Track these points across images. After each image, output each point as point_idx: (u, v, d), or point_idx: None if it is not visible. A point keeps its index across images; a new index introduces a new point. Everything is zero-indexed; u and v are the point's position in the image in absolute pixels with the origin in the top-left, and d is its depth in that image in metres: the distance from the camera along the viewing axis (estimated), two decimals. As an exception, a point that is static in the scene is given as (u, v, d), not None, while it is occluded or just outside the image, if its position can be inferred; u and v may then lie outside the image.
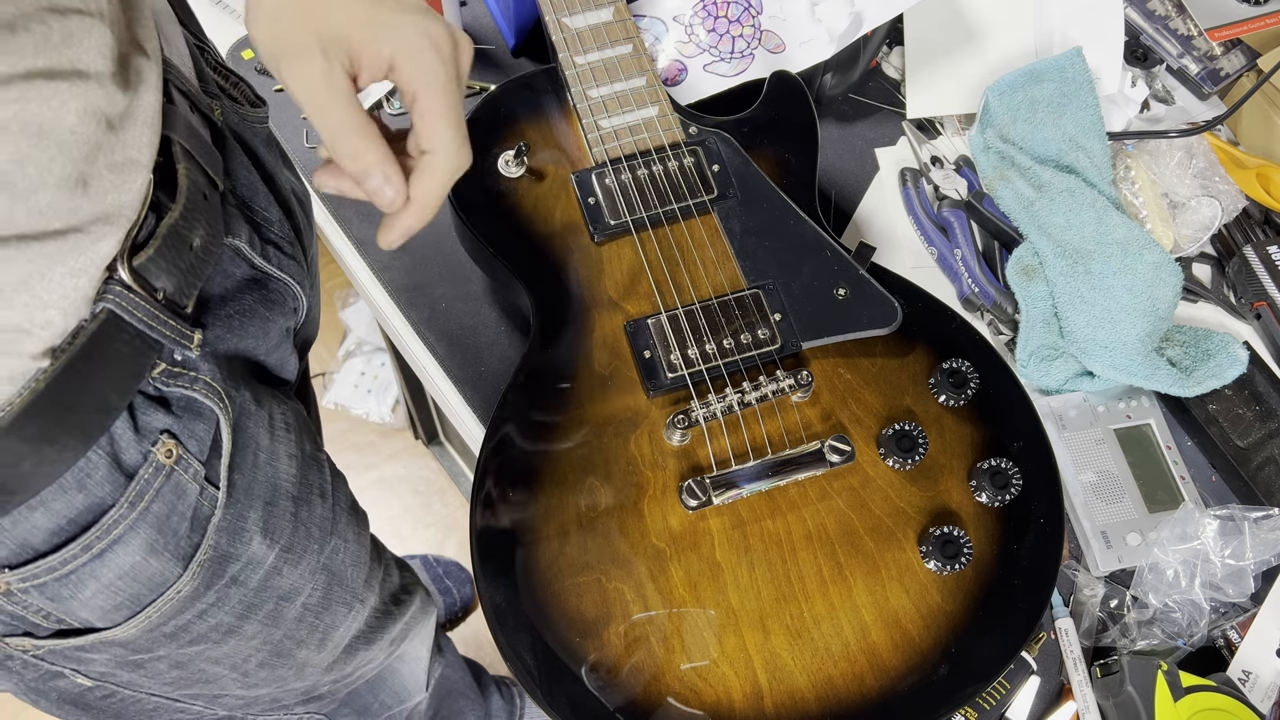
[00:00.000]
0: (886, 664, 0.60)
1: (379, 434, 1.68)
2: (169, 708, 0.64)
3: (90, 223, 0.42)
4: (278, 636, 0.64)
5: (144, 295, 0.45)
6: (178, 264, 0.47)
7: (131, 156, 0.44)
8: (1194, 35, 0.99)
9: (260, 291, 0.59)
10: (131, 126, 0.44)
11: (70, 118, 0.40)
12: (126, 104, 0.44)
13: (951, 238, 0.85)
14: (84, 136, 0.41)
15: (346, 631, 0.72)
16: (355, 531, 0.70)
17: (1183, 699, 0.65)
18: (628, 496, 0.62)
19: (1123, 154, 0.90)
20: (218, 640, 0.59)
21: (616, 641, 0.59)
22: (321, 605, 0.67)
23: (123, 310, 0.44)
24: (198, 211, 0.49)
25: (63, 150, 0.40)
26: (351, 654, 0.75)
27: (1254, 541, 0.70)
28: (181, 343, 0.48)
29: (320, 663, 0.71)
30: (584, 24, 0.77)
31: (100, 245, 0.43)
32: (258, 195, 0.61)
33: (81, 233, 0.42)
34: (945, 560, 0.61)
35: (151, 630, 0.54)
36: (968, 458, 0.66)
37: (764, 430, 0.65)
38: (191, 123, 0.52)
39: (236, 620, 0.59)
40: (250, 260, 0.58)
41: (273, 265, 0.60)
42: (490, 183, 0.72)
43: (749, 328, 0.67)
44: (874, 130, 0.93)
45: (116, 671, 0.58)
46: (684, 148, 0.73)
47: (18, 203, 0.39)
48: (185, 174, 0.48)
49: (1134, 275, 0.77)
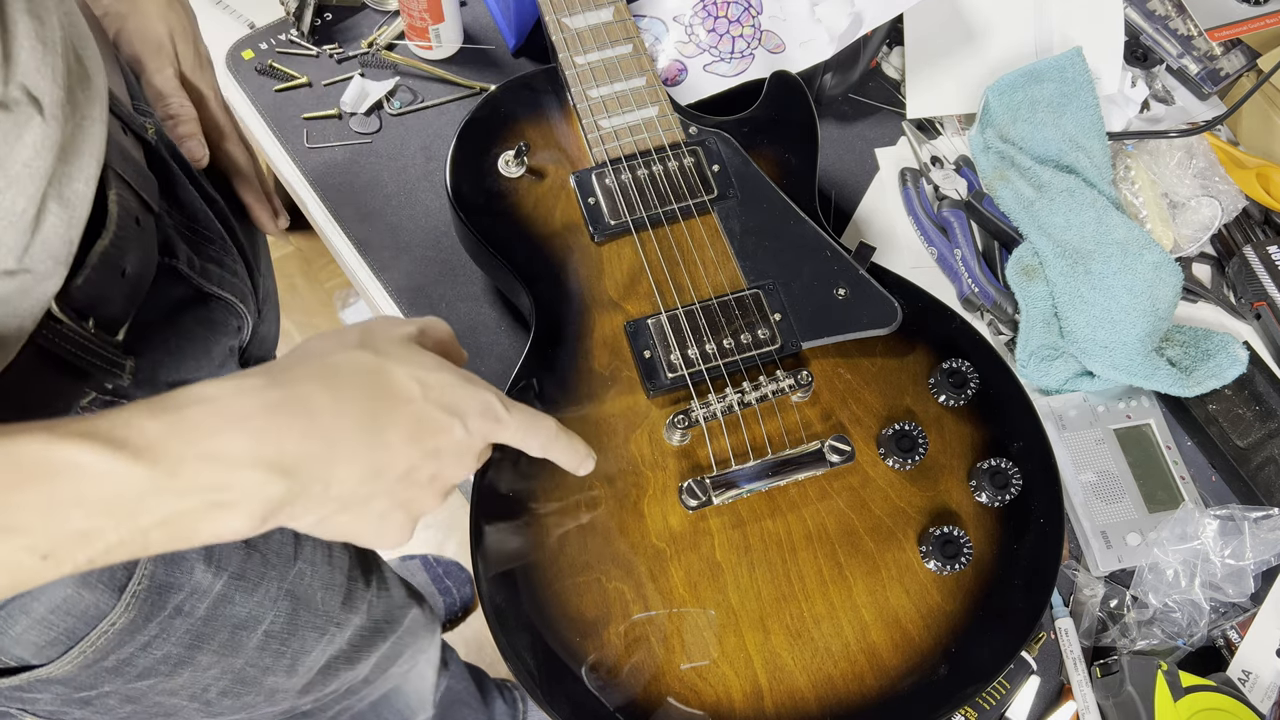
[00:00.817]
0: (886, 664, 0.60)
1: (379, 434, 1.67)
2: None
3: (39, 262, 0.40)
4: (239, 665, 0.62)
5: (71, 326, 0.43)
6: (108, 292, 0.46)
7: (78, 190, 0.42)
8: (1194, 35, 0.99)
9: (200, 311, 0.57)
10: (78, 159, 0.42)
11: (25, 151, 0.38)
12: (73, 136, 0.42)
13: (951, 238, 0.85)
14: (38, 170, 0.39)
15: (321, 655, 0.70)
16: (326, 554, 0.68)
17: (1183, 699, 0.65)
18: (628, 496, 0.62)
19: (1123, 154, 0.90)
20: (168, 673, 0.57)
21: (616, 641, 0.59)
22: (287, 631, 0.64)
23: (48, 342, 0.42)
24: (129, 238, 0.47)
25: (13, 184, 0.38)
26: (331, 674, 0.73)
27: (1254, 541, 0.70)
28: (112, 371, 0.46)
29: (292, 687, 0.69)
30: (584, 24, 0.77)
31: (45, 284, 0.41)
32: (197, 214, 0.60)
33: (29, 273, 0.40)
34: (945, 560, 0.61)
35: (90, 666, 0.52)
36: (968, 458, 0.66)
37: (764, 430, 0.65)
38: (124, 146, 0.50)
39: (186, 651, 0.57)
40: (189, 279, 0.56)
41: (213, 284, 0.58)
42: (490, 183, 0.72)
43: (749, 328, 0.67)
44: (874, 130, 0.93)
45: (66, 709, 0.56)
46: (684, 148, 0.73)
47: None
48: (116, 200, 0.46)
49: (1134, 275, 0.77)
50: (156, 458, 0.34)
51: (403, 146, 0.87)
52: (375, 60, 0.91)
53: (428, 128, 0.88)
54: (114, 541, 0.34)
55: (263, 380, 0.39)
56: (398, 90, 0.90)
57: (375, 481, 0.41)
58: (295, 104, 0.88)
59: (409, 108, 0.89)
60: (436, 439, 0.42)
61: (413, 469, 0.42)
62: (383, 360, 0.42)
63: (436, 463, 0.43)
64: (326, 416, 0.39)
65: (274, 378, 0.39)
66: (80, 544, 0.33)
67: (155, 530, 0.35)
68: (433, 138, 0.88)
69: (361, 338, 0.43)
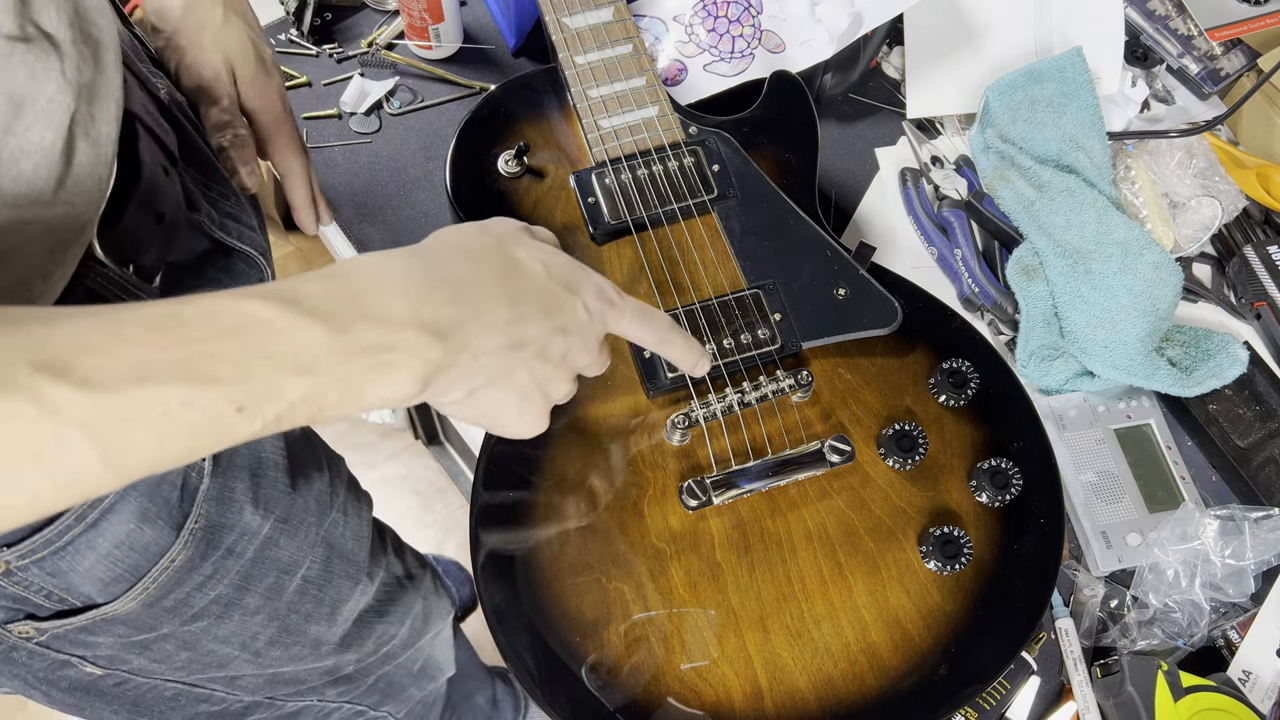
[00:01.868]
0: (886, 664, 0.60)
1: (379, 434, 1.67)
2: (188, 694, 0.64)
3: (74, 196, 0.42)
4: (282, 610, 0.64)
5: (115, 269, 0.45)
6: (147, 238, 0.48)
7: (103, 131, 0.44)
8: (1194, 35, 0.99)
9: (222, 262, 0.59)
10: (100, 100, 0.44)
11: (48, 86, 0.40)
12: (93, 76, 0.44)
13: (951, 238, 0.85)
14: (61, 105, 0.41)
15: (355, 605, 0.72)
16: (356, 507, 0.70)
17: (1183, 699, 0.65)
18: (628, 496, 0.62)
19: (1123, 154, 0.90)
20: (220, 614, 0.59)
21: (616, 641, 0.59)
22: (323, 578, 0.67)
23: (98, 286, 0.44)
24: (160, 185, 0.50)
25: (40, 118, 0.40)
26: (367, 628, 0.75)
27: (1254, 541, 0.70)
28: None
29: (333, 638, 0.71)
30: (584, 24, 0.77)
31: (83, 220, 0.43)
32: (212, 170, 0.62)
33: (69, 205, 0.42)
34: (945, 560, 0.61)
35: (152, 605, 0.54)
36: (968, 458, 0.66)
37: (764, 430, 0.65)
38: (144, 100, 0.53)
39: (235, 593, 0.59)
40: (210, 234, 0.58)
41: (233, 238, 0.61)
42: (490, 182, 0.72)
43: (749, 328, 0.67)
44: (874, 130, 0.93)
45: (125, 656, 0.58)
46: (684, 148, 0.73)
47: (2, 171, 0.39)
48: (146, 150, 0.49)
49: (1134, 275, 0.77)
50: (328, 316, 0.36)
51: (402, 146, 0.87)
52: (375, 60, 0.91)
53: (428, 128, 0.88)
54: (297, 398, 0.35)
55: (407, 254, 0.41)
56: (397, 90, 0.90)
57: (516, 352, 0.43)
58: (295, 104, 0.88)
59: (409, 107, 0.89)
60: (563, 315, 0.45)
61: (547, 344, 0.44)
62: (506, 242, 0.45)
63: (565, 340, 0.45)
64: (470, 286, 0.41)
65: (416, 252, 0.42)
66: (269, 398, 0.35)
67: (331, 390, 0.36)
68: (433, 138, 0.88)
69: (481, 227, 0.46)
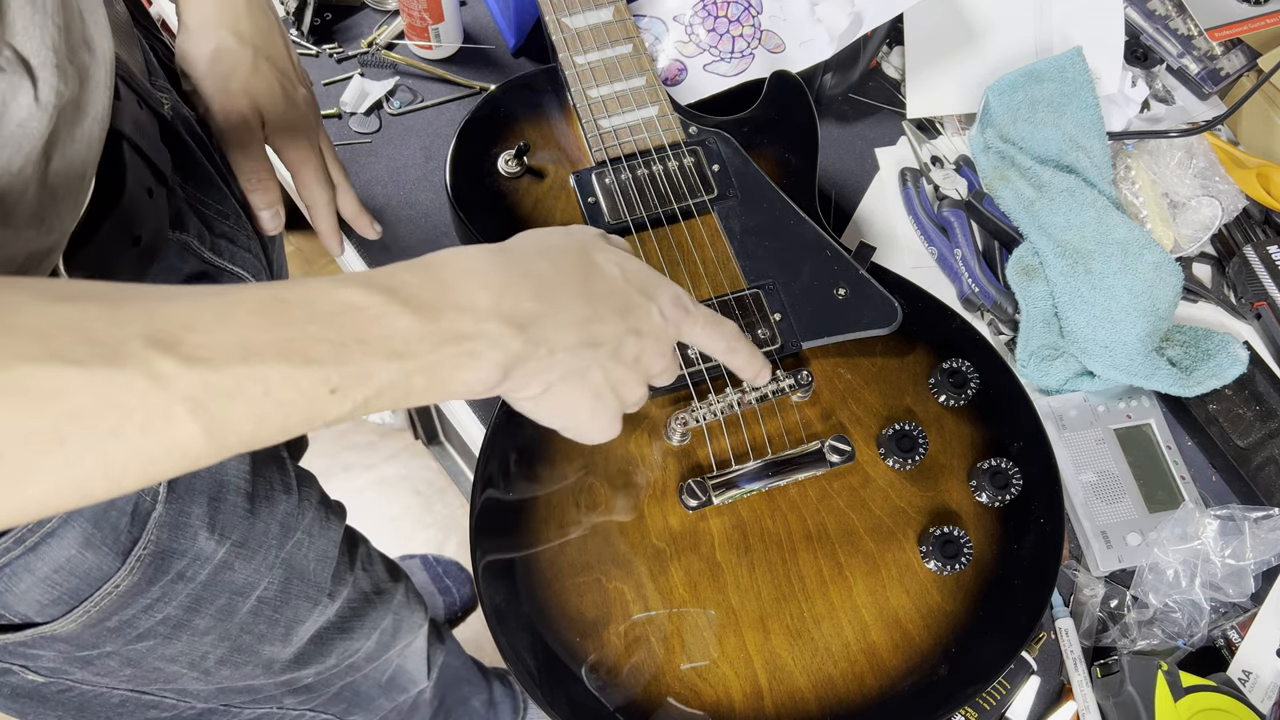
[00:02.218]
0: (886, 664, 0.60)
1: (379, 434, 1.68)
2: (136, 700, 0.64)
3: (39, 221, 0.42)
4: (234, 631, 0.63)
5: None
6: (119, 258, 0.48)
7: (79, 153, 0.44)
8: (1194, 35, 0.99)
9: (210, 284, 0.58)
10: (81, 123, 0.44)
11: (19, 112, 0.40)
12: (74, 99, 0.43)
13: (951, 238, 0.85)
14: (33, 131, 0.41)
15: (313, 625, 0.71)
16: (323, 526, 0.70)
17: (1183, 699, 0.65)
18: (628, 497, 0.62)
19: (1123, 154, 0.90)
20: (167, 635, 0.59)
21: (616, 641, 0.59)
22: (280, 599, 0.66)
23: None
24: (140, 208, 0.49)
25: (7, 145, 0.40)
26: (326, 645, 0.75)
27: (1254, 541, 0.70)
28: None
29: (286, 657, 0.70)
30: (584, 24, 0.77)
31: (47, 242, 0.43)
32: (210, 189, 0.61)
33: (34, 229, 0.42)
34: (945, 560, 0.61)
35: (93, 625, 0.54)
36: (968, 458, 0.66)
37: (764, 430, 0.65)
38: (139, 118, 0.52)
39: (185, 614, 0.59)
40: (199, 254, 0.58)
41: (223, 259, 0.60)
42: (490, 182, 0.72)
43: (749, 327, 0.67)
44: (874, 130, 0.93)
45: (67, 668, 0.57)
46: (684, 148, 0.73)
47: None
48: (130, 170, 0.49)
49: (1134, 275, 0.77)
50: (420, 305, 0.38)
51: (402, 146, 0.87)
52: (375, 60, 0.91)
53: (428, 128, 0.88)
54: (385, 383, 0.36)
55: (492, 249, 0.42)
56: (397, 90, 0.90)
57: (592, 351, 0.44)
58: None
59: (409, 107, 0.89)
60: (638, 318, 0.46)
61: (620, 344, 0.45)
62: (586, 246, 0.46)
63: (639, 343, 0.46)
64: (551, 282, 0.43)
65: (501, 248, 0.43)
66: (360, 382, 0.36)
67: (418, 375, 0.37)
68: (433, 138, 0.88)
69: (564, 230, 0.48)
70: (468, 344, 0.39)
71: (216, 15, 0.64)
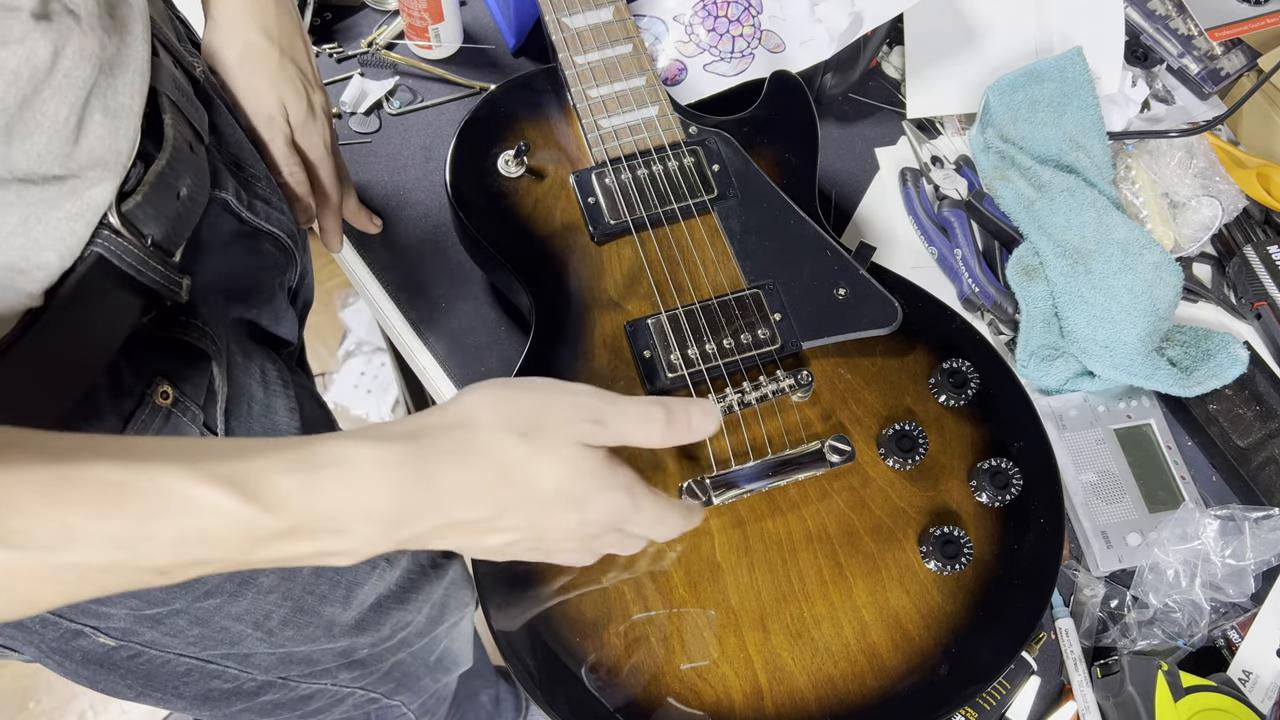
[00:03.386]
0: (886, 664, 0.60)
1: (379, 434, 1.67)
2: (201, 669, 0.64)
3: (85, 168, 0.43)
4: (296, 591, 0.64)
5: (132, 240, 0.46)
6: (165, 212, 0.49)
7: (124, 103, 0.45)
8: (1194, 35, 0.99)
9: (249, 243, 0.60)
10: (123, 73, 0.45)
11: (65, 61, 0.41)
12: (116, 50, 0.45)
13: (951, 238, 0.85)
14: (78, 80, 0.42)
15: (373, 590, 0.72)
16: None
17: (1183, 699, 0.65)
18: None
19: (1123, 154, 0.90)
20: (233, 593, 0.59)
21: (616, 641, 0.59)
22: None
23: (111, 254, 0.45)
24: (184, 162, 0.50)
25: (57, 93, 0.41)
26: (383, 614, 0.75)
27: (1254, 541, 0.70)
28: (170, 288, 0.50)
29: (347, 620, 0.71)
30: (584, 24, 0.77)
31: (94, 190, 0.44)
32: (244, 151, 0.62)
33: (77, 178, 0.43)
34: (945, 560, 0.61)
35: None
36: (968, 458, 0.66)
37: (764, 430, 0.65)
38: (176, 76, 0.53)
39: (250, 571, 0.59)
40: (238, 214, 0.59)
41: (260, 219, 0.61)
42: (490, 183, 0.72)
43: (749, 328, 0.67)
44: (874, 130, 0.93)
45: (138, 629, 0.58)
46: (684, 147, 0.73)
47: (15, 145, 0.40)
48: (171, 125, 0.50)
49: (1134, 275, 0.77)
50: (285, 512, 0.36)
51: (402, 146, 0.87)
52: (375, 60, 0.91)
53: (428, 128, 0.88)
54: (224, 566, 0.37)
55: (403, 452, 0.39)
56: (397, 90, 0.90)
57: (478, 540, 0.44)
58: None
59: (409, 107, 0.89)
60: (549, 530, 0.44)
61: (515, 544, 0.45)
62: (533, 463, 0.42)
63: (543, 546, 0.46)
64: (453, 499, 0.40)
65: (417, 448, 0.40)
66: (196, 567, 0.36)
67: (265, 562, 0.38)
68: (433, 138, 0.88)
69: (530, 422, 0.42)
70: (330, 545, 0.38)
71: (246, 13, 0.64)
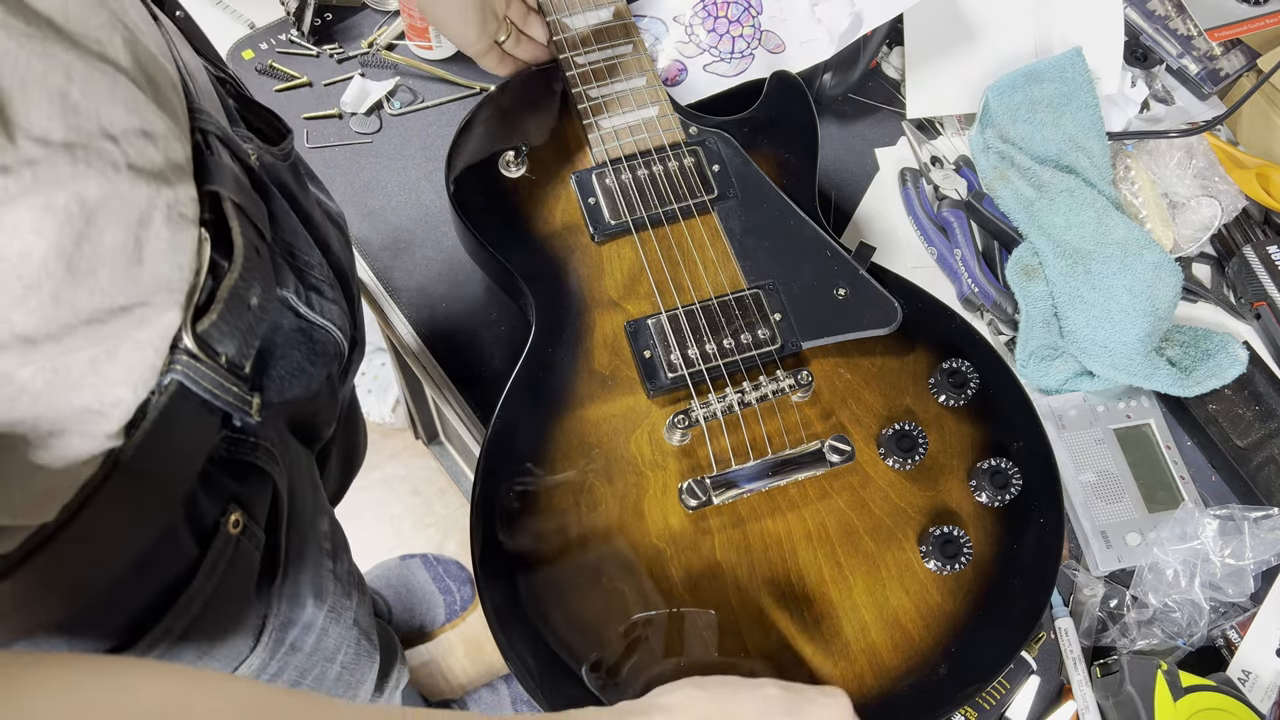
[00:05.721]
0: (886, 664, 0.60)
1: (379, 434, 1.67)
2: None
3: (151, 293, 0.40)
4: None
5: (208, 363, 0.43)
6: (238, 326, 0.45)
7: (181, 212, 0.42)
8: (1194, 35, 0.99)
9: (306, 343, 0.56)
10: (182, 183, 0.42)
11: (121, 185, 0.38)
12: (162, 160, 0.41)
13: (951, 238, 0.85)
14: (131, 200, 0.39)
15: (369, 688, 0.72)
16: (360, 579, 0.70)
17: (1182, 699, 0.65)
18: (628, 496, 0.62)
19: (1123, 154, 0.90)
20: None
21: (616, 641, 0.59)
22: (354, 661, 0.66)
23: (190, 381, 0.42)
24: (254, 269, 0.47)
25: (112, 219, 0.38)
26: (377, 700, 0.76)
27: (1254, 541, 0.70)
28: (242, 408, 0.46)
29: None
30: (584, 24, 0.77)
31: (165, 315, 0.41)
32: (298, 239, 0.59)
33: (145, 305, 0.40)
34: (945, 560, 0.61)
35: None
36: (968, 457, 0.66)
37: (764, 430, 0.65)
38: (235, 173, 0.49)
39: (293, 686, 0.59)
40: (296, 309, 0.55)
41: (316, 312, 0.58)
42: (491, 183, 0.72)
43: (749, 327, 0.67)
44: (874, 130, 0.93)
45: None
46: (684, 148, 0.73)
47: (80, 286, 0.37)
48: (239, 230, 0.46)
49: (1134, 275, 0.77)
50: None
51: (403, 146, 0.87)
52: (375, 60, 0.91)
53: (428, 128, 0.88)
54: None
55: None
56: (398, 90, 0.90)
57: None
58: (295, 104, 0.88)
59: (409, 108, 0.89)
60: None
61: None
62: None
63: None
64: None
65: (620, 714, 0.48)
66: None
67: None
68: (433, 138, 0.88)
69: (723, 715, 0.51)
70: None
71: None
